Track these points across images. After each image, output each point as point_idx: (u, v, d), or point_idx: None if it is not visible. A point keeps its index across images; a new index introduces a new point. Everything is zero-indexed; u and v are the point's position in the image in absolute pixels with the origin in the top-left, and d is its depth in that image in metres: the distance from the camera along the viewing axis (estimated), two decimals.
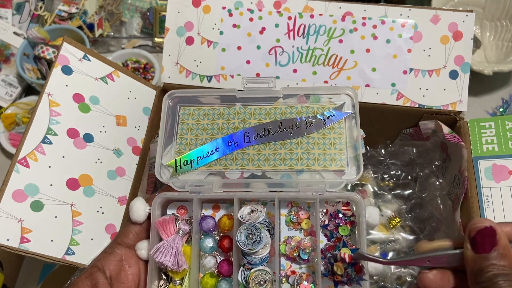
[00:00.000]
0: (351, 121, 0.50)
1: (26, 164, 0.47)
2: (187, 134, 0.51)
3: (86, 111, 0.54)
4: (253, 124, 0.51)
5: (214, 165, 0.49)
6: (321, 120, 0.50)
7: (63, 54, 0.53)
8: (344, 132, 0.49)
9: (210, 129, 0.51)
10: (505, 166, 0.52)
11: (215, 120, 0.51)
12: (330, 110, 0.50)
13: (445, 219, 0.59)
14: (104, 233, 0.52)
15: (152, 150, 0.60)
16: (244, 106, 0.52)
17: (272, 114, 0.51)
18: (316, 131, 0.50)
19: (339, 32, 0.59)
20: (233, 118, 0.51)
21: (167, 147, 0.51)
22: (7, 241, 0.45)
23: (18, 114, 0.80)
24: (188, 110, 0.52)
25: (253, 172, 0.49)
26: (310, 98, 0.51)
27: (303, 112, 0.51)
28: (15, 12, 0.90)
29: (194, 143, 0.50)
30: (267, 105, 0.51)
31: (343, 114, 0.50)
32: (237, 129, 0.51)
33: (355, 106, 0.50)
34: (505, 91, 0.82)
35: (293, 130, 0.50)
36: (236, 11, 0.60)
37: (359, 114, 0.49)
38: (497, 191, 0.51)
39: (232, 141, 0.50)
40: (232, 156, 0.49)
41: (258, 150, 0.50)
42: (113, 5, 0.88)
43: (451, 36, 0.58)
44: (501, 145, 0.54)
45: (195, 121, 0.51)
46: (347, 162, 0.48)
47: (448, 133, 0.57)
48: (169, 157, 0.50)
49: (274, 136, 0.50)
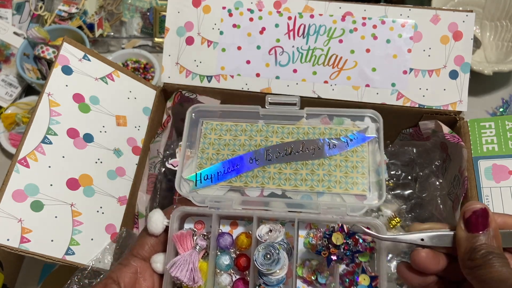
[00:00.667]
0: (374, 145, 0.49)
1: (26, 164, 0.47)
2: (208, 148, 0.51)
3: (86, 111, 0.54)
4: (275, 143, 0.51)
5: (234, 182, 0.49)
6: (344, 143, 0.50)
7: (63, 54, 0.53)
8: (367, 156, 0.49)
9: (232, 145, 0.51)
10: (505, 166, 0.52)
11: (237, 136, 0.51)
12: (354, 133, 0.50)
13: (445, 219, 0.59)
14: (104, 233, 0.52)
15: (152, 150, 0.60)
16: (267, 123, 0.52)
17: (294, 134, 0.51)
18: (338, 154, 0.49)
19: (339, 32, 0.59)
20: (255, 135, 0.51)
21: (189, 160, 0.51)
22: (7, 241, 0.45)
23: (18, 114, 0.80)
24: (211, 125, 0.52)
25: (273, 191, 0.49)
26: (333, 120, 0.51)
27: (326, 134, 0.50)
28: (15, 12, 0.90)
29: (215, 158, 0.50)
30: (290, 124, 0.51)
31: (366, 138, 0.50)
32: (259, 146, 0.51)
33: (379, 130, 0.49)
34: (505, 91, 0.82)
35: (315, 151, 0.50)
36: (236, 11, 0.60)
37: (383, 139, 0.49)
38: (497, 191, 0.51)
39: (254, 158, 0.50)
40: (253, 174, 0.49)
41: (279, 169, 0.49)
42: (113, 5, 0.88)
43: (451, 36, 0.58)
44: (501, 145, 0.54)
45: (217, 136, 0.52)
46: (369, 186, 0.48)
47: (448, 133, 0.57)
48: (190, 170, 0.50)
49: (295, 156, 0.50)
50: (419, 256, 0.38)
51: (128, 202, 0.56)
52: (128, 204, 0.56)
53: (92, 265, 0.50)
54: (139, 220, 0.58)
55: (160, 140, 0.60)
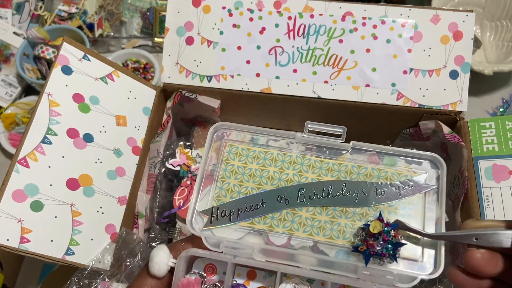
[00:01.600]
0: (431, 197, 0.41)
1: (26, 164, 0.47)
2: (230, 177, 0.43)
3: (86, 111, 0.54)
4: (310, 180, 0.43)
5: (257, 223, 0.42)
6: (395, 191, 0.41)
7: (63, 54, 0.53)
8: (422, 211, 0.41)
9: (259, 176, 0.43)
10: (505, 166, 0.52)
11: (265, 166, 0.44)
12: (408, 179, 0.42)
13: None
14: (104, 233, 0.52)
15: (152, 150, 0.60)
16: (303, 155, 0.44)
17: (335, 171, 0.43)
18: (387, 203, 0.41)
19: (339, 32, 0.59)
20: (287, 167, 0.43)
21: (205, 189, 0.43)
22: (7, 241, 0.44)
23: (18, 114, 0.80)
24: (236, 149, 0.45)
25: (303, 241, 0.41)
26: (383, 159, 0.43)
27: (374, 176, 0.42)
28: (15, 12, 0.90)
29: (237, 190, 0.43)
30: (330, 158, 0.44)
31: (423, 187, 0.41)
32: (291, 182, 0.43)
33: (441, 180, 0.41)
34: (505, 91, 0.82)
35: (359, 196, 0.41)
36: (236, 11, 0.60)
37: (445, 192, 0.41)
38: (497, 191, 0.51)
39: (283, 197, 0.42)
40: (280, 216, 0.42)
41: (312, 214, 0.41)
42: (113, 5, 0.88)
43: (451, 36, 0.58)
44: (501, 145, 0.54)
45: (242, 163, 0.44)
46: (422, 251, 0.39)
47: (448, 133, 0.57)
48: (205, 202, 0.43)
49: (334, 200, 0.42)
50: (474, 258, 0.33)
51: (128, 202, 0.56)
52: (128, 204, 0.56)
53: (92, 265, 0.50)
54: (139, 220, 0.58)
55: (160, 140, 0.60)
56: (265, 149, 0.45)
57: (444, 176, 0.41)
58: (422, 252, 0.39)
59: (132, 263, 0.53)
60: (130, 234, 0.54)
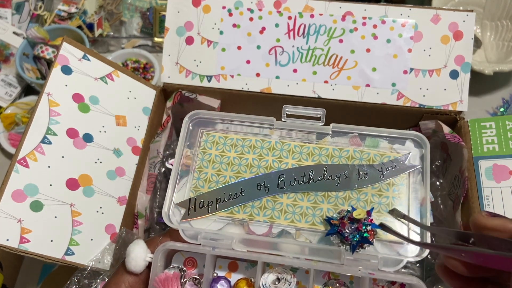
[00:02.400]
0: (416, 177, 0.40)
1: (26, 164, 0.47)
2: (207, 167, 0.42)
3: (85, 111, 0.54)
4: (291, 165, 0.41)
5: (236, 212, 0.40)
6: (379, 172, 0.40)
7: (62, 54, 0.53)
8: (407, 192, 0.39)
9: (237, 164, 0.42)
10: (505, 166, 0.52)
11: (244, 153, 0.42)
12: (391, 160, 0.40)
13: (445, 219, 0.59)
14: (103, 233, 0.52)
15: (152, 150, 0.60)
16: (282, 140, 0.42)
17: (316, 155, 0.41)
18: (370, 185, 0.40)
19: (339, 32, 0.59)
20: (266, 154, 0.42)
21: (182, 180, 0.41)
22: (7, 241, 0.44)
23: (17, 114, 0.79)
24: (213, 137, 0.43)
25: (285, 229, 0.40)
26: (366, 140, 0.42)
27: (356, 158, 0.41)
28: (15, 12, 0.90)
29: (215, 180, 0.41)
30: (310, 142, 0.42)
31: (407, 167, 0.40)
32: (271, 168, 0.41)
33: (425, 159, 0.40)
34: (505, 91, 0.82)
35: (341, 180, 0.40)
36: (236, 10, 0.60)
37: (429, 170, 0.39)
38: (498, 191, 0.51)
39: (263, 184, 0.41)
40: (261, 204, 0.40)
41: (293, 200, 0.40)
42: (112, 5, 0.88)
43: (452, 36, 0.58)
44: (502, 145, 0.54)
45: (220, 151, 0.42)
46: (407, 231, 0.38)
47: (448, 133, 0.57)
48: (182, 194, 0.41)
49: (316, 185, 0.40)
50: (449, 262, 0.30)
51: (128, 202, 0.56)
52: (128, 204, 0.56)
53: (92, 265, 0.49)
54: (138, 220, 0.58)
55: (160, 140, 0.60)
56: (243, 136, 0.43)
57: (428, 155, 0.40)
58: (408, 234, 0.38)
59: None
60: (130, 234, 0.54)
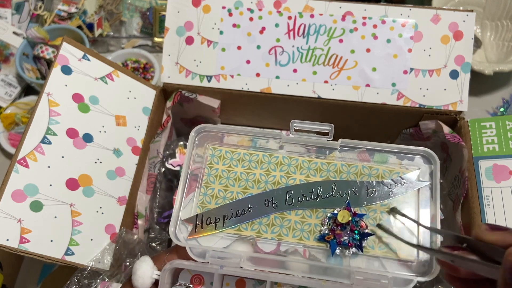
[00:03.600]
0: (425, 194, 0.40)
1: (26, 164, 0.47)
2: (214, 182, 0.41)
3: (85, 111, 0.54)
4: (298, 181, 0.41)
5: (244, 229, 0.40)
6: (388, 189, 0.40)
7: (62, 54, 0.53)
8: (416, 209, 0.39)
9: (244, 180, 0.41)
10: (505, 166, 0.52)
11: (251, 169, 0.41)
12: (401, 177, 0.40)
13: (445, 219, 0.59)
14: (103, 234, 0.52)
15: (152, 150, 0.60)
16: (289, 155, 0.42)
17: (324, 171, 0.41)
18: (379, 203, 0.39)
19: (339, 31, 0.59)
20: (274, 169, 0.41)
21: (188, 195, 0.41)
22: (7, 242, 0.44)
23: (17, 114, 0.79)
24: (219, 152, 0.42)
25: (293, 246, 0.39)
26: (374, 156, 0.42)
27: (365, 174, 0.40)
28: (15, 12, 0.90)
29: (222, 195, 0.41)
30: (318, 158, 0.42)
31: (416, 184, 0.40)
32: (278, 184, 0.41)
33: (434, 176, 0.40)
34: (505, 91, 0.81)
35: (350, 196, 0.39)
36: (236, 10, 0.60)
37: (439, 187, 0.39)
38: (498, 191, 0.51)
39: (271, 201, 0.40)
40: (268, 221, 0.40)
41: (302, 217, 0.39)
42: (112, 5, 0.88)
43: (452, 36, 0.58)
44: (502, 145, 0.53)
45: (227, 167, 0.42)
46: (417, 251, 0.38)
47: (448, 133, 0.57)
48: (189, 210, 0.41)
49: (324, 202, 0.39)
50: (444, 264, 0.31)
51: (128, 202, 0.56)
52: (128, 204, 0.56)
53: (92, 265, 0.49)
54: (138, 220, 0.58)
55: (160, 140, 0.60)
56: (250, 150, 0.42)
57: (437, 171, 0.40)
58: (418, 253, 0.38)
59: (131, 263, 0.53)
60: (130, 234, 0.54)
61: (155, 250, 0.58)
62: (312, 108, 0.61)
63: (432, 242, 0.39)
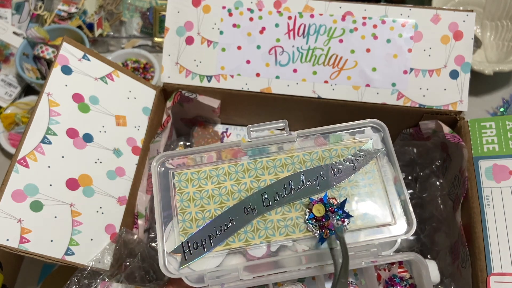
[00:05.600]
0: (383, 160, 0.42)
1: (26, 164, 0.47)
2: (189, 206, 0.41)
3: (85, 111, 0.54)
4: (269, 182, 0.41)
5: (232, 243, 0.40)
6: (350, 165, 0.41)
7: (62, 54, 0.53)
8: (380, 175, 0.41)
9: (218, 195, 0.41)
10: (505, 166, 0.52)
11: (221, 182, 0.41)
12: (358, 151, 0.42)
13: (445, 219, 0.59)
14: (103, 233, 0.52)
15: (152, 150, 0.60)
16: (253, 159, 0.42)
17: (289, 165, 0.42)
18: (347, 180, 0.41)
19: (339, 32, 0.59)
20: (242, 177, 0.42)
21: (167, 226, 0.40)
22: (7, 241, 0.44)
23: (17, 114, 0.79)
24: (185, 175, 0.42)
25: (282, 243, 0.40)
26: (329, 138, 0.43)
27: (326, 157, 0.42)
28: (15, 12, 0.90)
29: (200, 217, 0.40)
30: (280, 154, 0.42)
31: (373, 153, 0.42)
32: (251, 190, 0.41)
33: (386, 140, 0.42)
34: (505, 91, 0.82)
35: (320, 182, 0.41)
36: (236, 10, 0.60)
37: (393, 149, 0.41)
38: (498, 191, 0.51)
39: (249, 208, 0.40)
40: (253, 227, 0.40)
41: (282, 214, 0.40)
42: (112, 5, 0.88)
43: (452, 36, 0.58)
44: (502, 145, 0.53)
45: (197, 188, 0.41)
46: (391, 212, 0.40)
47: (448, 133, 0.57)
48: (172, 240, 0.40)
49: (298, 193, 0.41)
50: None
51: (128, 202, 0.56)
52: (128, 204, 0.56)
53: (92, 265, 0.49)
54: (138, 220, 0.58)
55: (160, 140, 0.60)
56: (214, 165, 0.42)
57: (388, 136, 0.42)
58: (392, 214, 0.39)
59: (131, 263, 0.53)
60: (130, 234, 0.54)
61: (155, 250, 0.58)
62: (312, 108, 0.61)
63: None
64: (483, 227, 0.50)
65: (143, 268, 0.54)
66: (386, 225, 0.40)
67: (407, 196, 0.40)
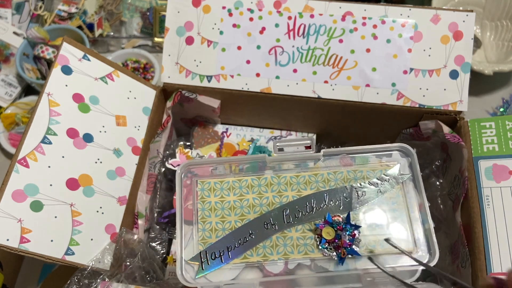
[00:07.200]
0: (408, 186, 0.41)
1: (26, 164, 0.47)
2: (210, 216, 0.41)
3: (85, 111, 0.54)
4: (291, 198, 0.41)
5: (249, 256, 0.40)
6: (375, 188, 0.41)
7: (62, 54, 0.53)
8: (404, 201, 0.41)
9: (239, 207, 0.41)
10: (505, 166, 0.52)
11: (243, 195, 0.42)
12: (384, 174, 0.41)
13: (445, 219, 0.59)
14: (103, 233, 0.52)
15: (152, 150, 0.60)
16: (277, 174, 0.42)
17: (313, 183, 0.42)
18: (370, 202, 0.41)
19: (339, 32, 0.59)
20: (265, 191, 0.42)
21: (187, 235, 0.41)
22: (7, 241, 0.44)
23: (17, 114, 0.79)
24: (208, 185, 0.42)
25: (300, 262, 0.39)
26: (355, 159, 0.43)
27: (351, 178, 0.42)
28: (15, 12, 0.90)
29: (220, 227, 0.41)
30: (304, 171, 0.42)
31: (400, 178, 0.41)
32: (273, 205, 0.41)
33: (413, 166, 0.42)
34: (505, 91, 0.82)
35: (343, 202, 0.40)
36: (236, 10, 0.60)
37: (420, 176, 0.41)
38: (498, 191, 0.51)
39: (269, 223, 0.40)
40: (272, 243, 0.40)
41: (302, 232, 0.40)
42: (112, 5, 0.88)
43: (452, 36, 0.58)
44: (502, 145, 0.54)
45: (219, 197, 0.42)
46: (414, 240, 0.39)
47: (448, 133, 0.57)
48: (191, 249, 0.40)
49: (320, 213, 0.40)
50: None
51: (128, 202, 0.56)
52: (128, 204, 0.56)
53: (92, 265, 0.49)
54: (139, 220, 0.58)
55: (160, 140, 0.60)
56: (238, 177, 0.42)
57: (415, 162, 0.41)
58: (414, 243, 0.39)
59: (132, 263, 0.53)
60: (130, 234, 0.54)
61: (155, 250, 0.58)
62: (312, 108, 0.61)
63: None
64: (483, 227, 0.50)
65: (143, 268, 0.54)
66: (407, 252, 0.39)
67: (431, 225, 0.39)
